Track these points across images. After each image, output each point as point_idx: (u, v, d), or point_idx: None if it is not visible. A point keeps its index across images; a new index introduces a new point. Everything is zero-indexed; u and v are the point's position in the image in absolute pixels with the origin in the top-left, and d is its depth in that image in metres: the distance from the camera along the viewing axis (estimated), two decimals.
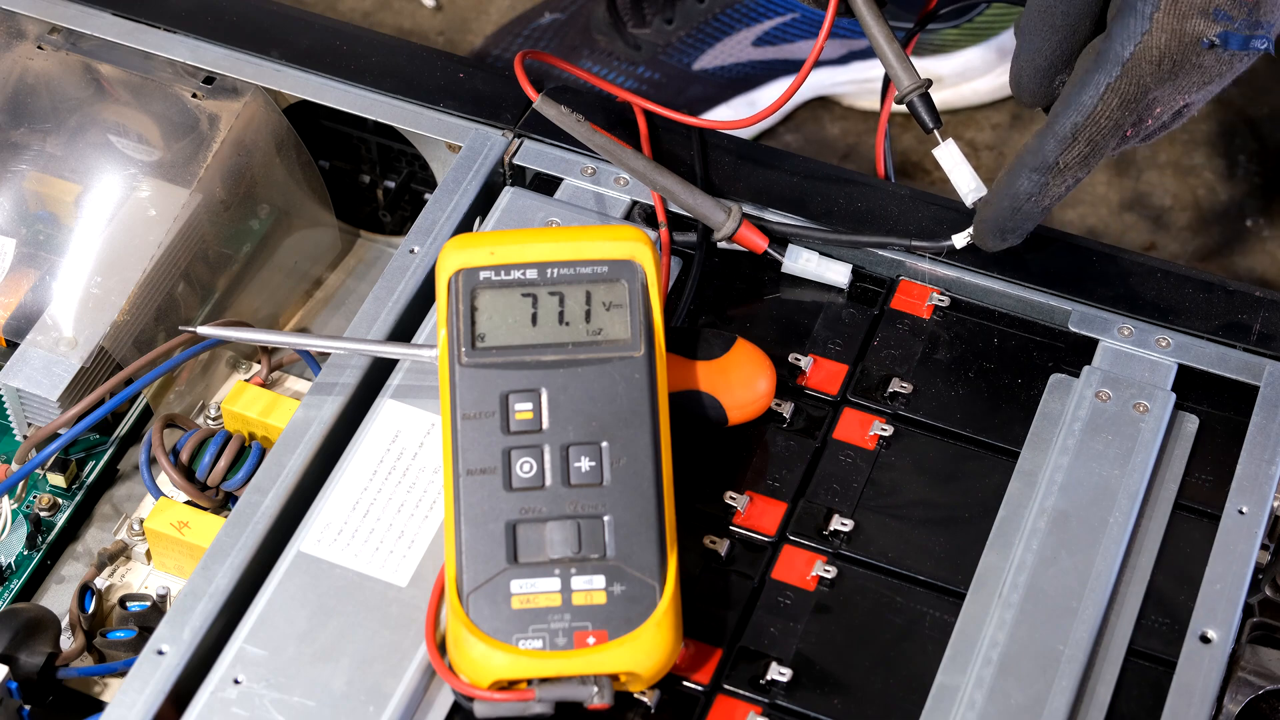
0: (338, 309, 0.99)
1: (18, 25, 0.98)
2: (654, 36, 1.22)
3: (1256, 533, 0.82)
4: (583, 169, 0.93)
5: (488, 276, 0.80)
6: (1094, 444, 0.84)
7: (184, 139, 0.95)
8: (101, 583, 0.87)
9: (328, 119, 0.99)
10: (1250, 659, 0.79)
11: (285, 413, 0.88)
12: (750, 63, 1.22)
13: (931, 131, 0.87)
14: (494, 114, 0.95)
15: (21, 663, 0.81)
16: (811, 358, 0.88)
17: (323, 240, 1.00)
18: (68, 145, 0.95)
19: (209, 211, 0.94)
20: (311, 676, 0.77)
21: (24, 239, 0.93)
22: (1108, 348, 0.88)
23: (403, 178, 1.01)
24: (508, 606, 0.75)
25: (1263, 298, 0.90)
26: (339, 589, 0.79)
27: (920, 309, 0.90)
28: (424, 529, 0.81)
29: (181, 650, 0.77)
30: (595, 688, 0.74)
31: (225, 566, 0.80)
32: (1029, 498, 0.83)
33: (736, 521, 0.83)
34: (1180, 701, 0.78)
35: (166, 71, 0.96)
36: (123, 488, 0.91)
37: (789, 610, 0.81)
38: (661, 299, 0.80)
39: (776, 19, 1.21)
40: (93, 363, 0.89)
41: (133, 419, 0.92)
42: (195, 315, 0.94)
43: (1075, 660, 0.78)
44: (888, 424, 0.86)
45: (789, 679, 0.78)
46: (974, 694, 0.77)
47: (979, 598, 0.80)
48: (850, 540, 0.82)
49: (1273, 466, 0.84)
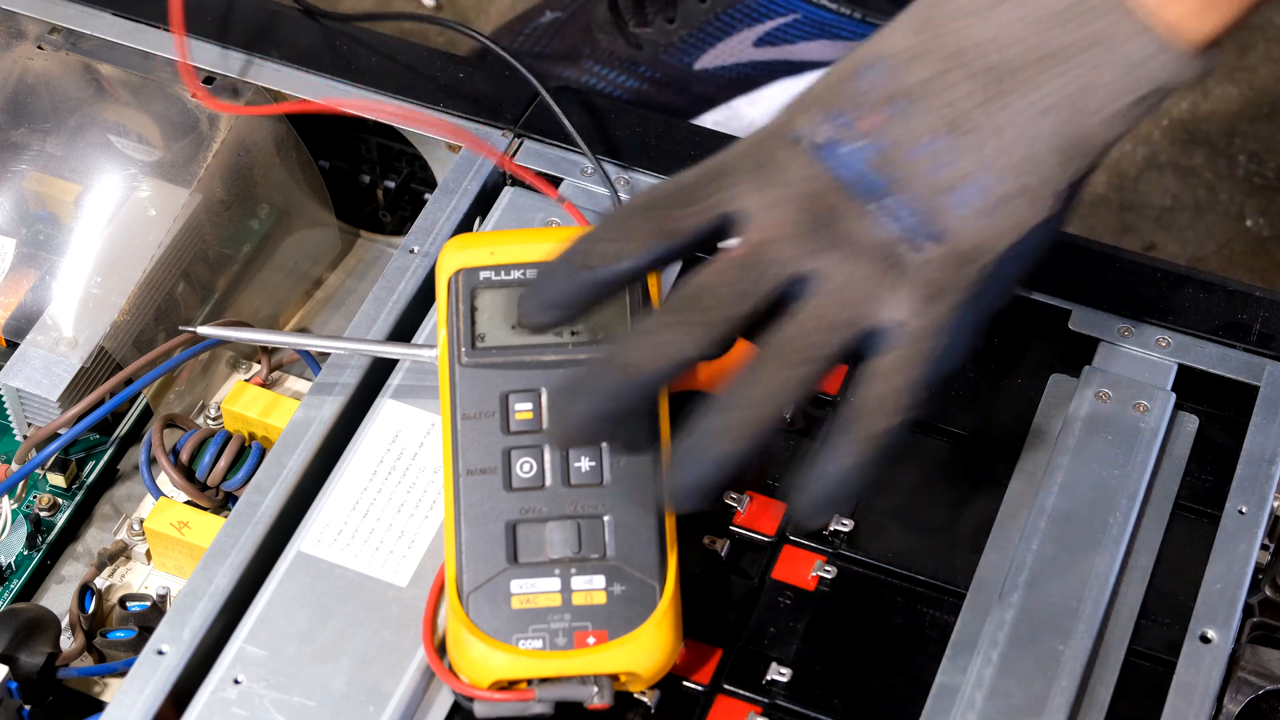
0: (338, 309, 0.99)
1: (18, 25, 0.98)
2: (655, 36, 1.21)
3: (1256, 533, 0.82)
4: (583, 169, 0.93)
5: (488, 276, 0.80)
6: (1094, 444, 0.84)
7: (184, 139, 0.95)
8: (101, 583, 0.87)
9: (328, 119, 0.99)
10: (1250, 659, 0.79)
11: (285, 413, 0.88)
12: (751, 63, 1.22)
13: None
14: (494, 114, 0.95)
15: (21, 663, 0.81)
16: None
17: (323, 240, 1.00)
18: (68, 145, 0.95)
19: (209, 211, 0.94)
20: (311, 676, 0.77)
21: (24, 239, 0.93)
22: (1108, 348, 0.88)
23: (403, 178, 1.01)
24: (508, 606, 0.75)
25: (1263, 298, 0.90)
26: (339, 589, 0.79)
27: None
28: (424, 529, 0.81)
29: (181, 650, 0.77)
30: (595, 688, 0.74)
31: (225, 566, 0.80)
32: (1029, 498, 0.83)
33: (736, 521, 0.83)
34: (1180, 701, 0.78)
35: (166, 71, 0.96)
36: (123, 488, 0.91)
37: (789, 610, 0.81)
38: (660, 299, 0.80)
39: (779, 19, 1.21)
40: (93, 363, 0.89)
41: (133, 419, 0.92)
42: (195, 315, 0.94)
43: (1075, 660, 0.78)
44: None
45: (789, 679, 0.78)
46: (974, 694, 0.77)
47: (979, 598, 0.80)
48: (850, 540, 0.82)
49: (1273, 466, 0.84)
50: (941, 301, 0.70)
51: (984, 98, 0.68)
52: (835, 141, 0.70)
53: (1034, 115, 0.69)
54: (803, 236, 0.70)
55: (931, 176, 0.69)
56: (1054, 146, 0.69)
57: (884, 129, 0.69)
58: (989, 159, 0.69)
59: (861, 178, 0.70)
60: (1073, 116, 0.69)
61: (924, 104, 0.69)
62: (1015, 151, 0.69)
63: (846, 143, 0.70)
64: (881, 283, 0.70)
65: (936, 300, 0.70)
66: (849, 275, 0.70)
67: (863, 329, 0.70)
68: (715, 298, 0.71)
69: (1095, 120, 0.69)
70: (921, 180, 0.69)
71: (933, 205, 0.69)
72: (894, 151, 0.69)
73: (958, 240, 0.69)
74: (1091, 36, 0.69)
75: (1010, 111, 0.68)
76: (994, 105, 0.68)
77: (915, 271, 0.70)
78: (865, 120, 0.70)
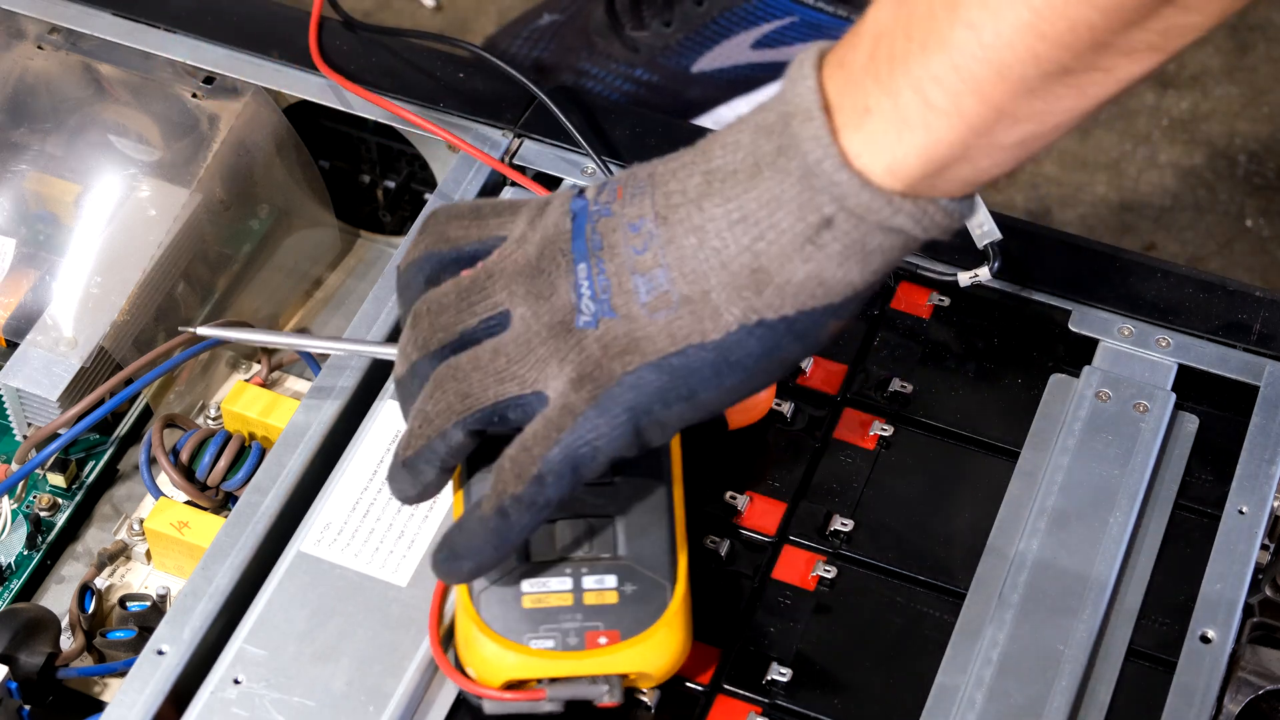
0: (338, 309, 0.99)
1: (18, 25, 0.98)
2: (652, 39, 1.21)
3: (1256, 533, 0.82)
4: (583, 169, 0.93)
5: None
6: (1094, 444, 0.84)
7: (184, 139, 0.95)
8: (101, 583, 0.87)
9: (328, 119, 0.99)
10: (1250, 659, 0.79)
11: (285, 413, 0.88)
12: (749, 65, 1.22)
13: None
14: (494, 114, 0.95)
15: (21, 663, 0.81)
16: (811, 358, 0.87)
17: (323, 240, 1.00)
18: (68, 145, 0.95)
19: (209, 211, 0.94)
20: (311, 676, 0.77)
21: (24, 239, 0.93)
22: (1108, 348, 0.88)
23: (403, 178, 1.01)
24: (519, 606, 0.75)
25: (1263, 298, 0.90)
26: (339, 589, 0.79)
27: (920, 309, 0.90)
28: (424, 529, 0.81)
29: (181, 650, 0.77)
30: (606, 687, 0.74)
31: (225, 566, 0.80)
32: (1029, 498, 0.83)
33: (736, 521, 0.83)
34: (1180, 701, 0.78)
35: (166, 71, 0.96)
36: (123, 488, 0.91)
37: (789, 610, 0.81)
38: None
39: (776, 22, 1.21)
40: (93, 363, 0.89)
41: (133, 419, 0.92)
42: (195, 315, 0.94)
43: (1075, 660, 0.78)
44: (888, 424, 0.86)
45: (789, 679, 0.78)
46: (974, 694, 0.77)
47: (979, 598, 0.80)
48: (850, 540, 0.82)
49: (1273, 466, 0.84)
50: (585, 389, 0.70)
51: (694, 195, 0.68)
52: (590, 201, 0.71)
53: (728, 224, 0.68)
54: (521, 277, 0.72)
55: (628, 256, 0.69)
56: (736, 265, 0.68)
57: (620, 200, 0.70)
58: (675, 256, 0.68)
59: (582, 237, 0.70)
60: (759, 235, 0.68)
61: (655, 187, 0.69)
62: (699, 257, 0.68)
63: (593, 204, 0.71)
64: (554, 348, 0.71)
65: (582, 385, 0.70)
66: (532, 330, 0.71)
67: (524, 389, 0.71)
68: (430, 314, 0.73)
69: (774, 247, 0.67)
70: (620, 257, 0.69)
71: (619, 284, 0.69)
72: (614, 222, 0.70)
73: (622, 326, 0.69)
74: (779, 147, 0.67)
75: (708, 214, 0.68)
76: (694, 207, 0.68)
77: (579, 347, 0.70)
78: (617, 188, 0.71)
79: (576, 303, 0.70)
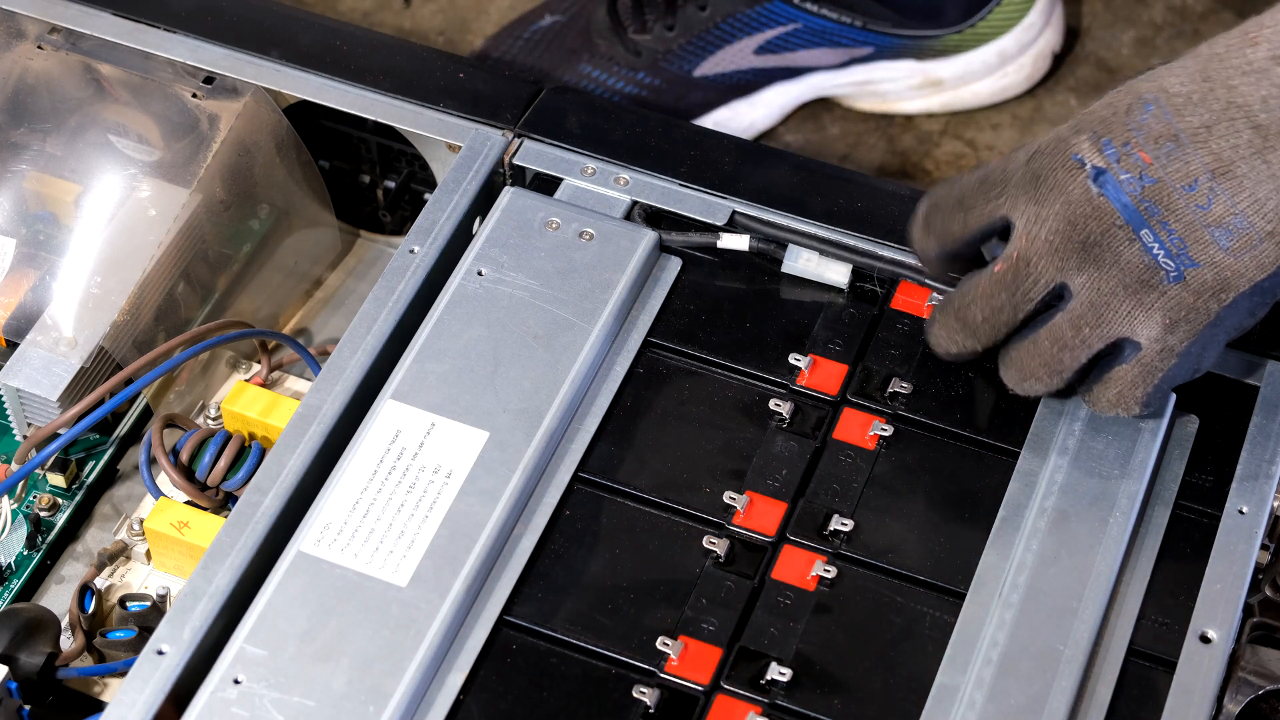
0: (338, 309, 0.99)
1: (18, 25, 0.98)
2: (654, 43, 1.21)
3: (1256, 533, 0.82)
4: (583, 169, 0.93)
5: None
6: (1094, 444, 0.84)
7: (184, 139, 0.95)
8: (101, 583, 0.87)
9: (328, 119, 0.99)
10: (1250, 659, 0.79)
11: (285, 413, 0.88)
12: (752, 70, 1.22)
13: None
14: (494, 114, 0.95)
15: (21, 663, 0.81)
16: (811, 358, 0.87)
17: (323, 240, 1.00)
18: (68, 145, 0.95)
19: (209, 211, 0.94)
20: (311, 676, 0.77)
21: (24, 239, 0.93)
22: None
23: (403, 178, 1.01)
24: None
25: None
26: (339, 589, 0.79)
27: (920, 309, 0.90)
28: (424, 529, 0.81)
29: (181, 650, 0.77)
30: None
31: (225, 566, 0.80)
32: (1029, 498, 0.83)
33: (736, 521, 0.83)
34: (1180, 701, 0.78)
35: (166, 71, 0.96)
36: (123, 488, 0.91)
37: (789, 610, 0.80)
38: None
39: (779, 28, 1.21)
40: (93, 363, 0.89)
41: (133, 419, 0.92)
42: (195, 315, 0.94)
43: (1075, 660, 0.78)
44: (888, 424, 0.86)
45: (789, 679, 0.78)
46: (974, 694, 0.77)
47: (979, 598, 0.80)
48: (850, 540, 0.82)
49: (1273, 466, 0.84)
50: (1181, 329, 0.80)
51: (1249, 151, 0.77)
52: (1111, 169, 0.79)
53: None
54: (1066, 252, 0.80)
55: (1195, 213, 0.78)
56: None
57: (1155, 165, 0.78)
58: (1248, 203, 0.77)
59: (1131, 206, 0.78)
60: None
61: (1194, 148, 0.78)
62: (1272, 200, 0.77)
63: (1121, 172, 0.79)
64: (1138, 303, 0.79)
65: (1177, 327, 0.80)
66: (1108, 292, 0.80)
67: (1110, 341, 0.81)
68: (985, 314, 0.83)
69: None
70: (1186, 215, 0.78)
71: (1193, 238, 0.78)
72: (1163, 187, 0.78)
73: (1209, 273, 0.78)
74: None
75: (1273, 167, 0.77)
76: (1258, 159, 0.77)
77: (1166, 298, 0.79)
78: (1139, 154, 0.78)
79: (1154, 261, 0.78)
